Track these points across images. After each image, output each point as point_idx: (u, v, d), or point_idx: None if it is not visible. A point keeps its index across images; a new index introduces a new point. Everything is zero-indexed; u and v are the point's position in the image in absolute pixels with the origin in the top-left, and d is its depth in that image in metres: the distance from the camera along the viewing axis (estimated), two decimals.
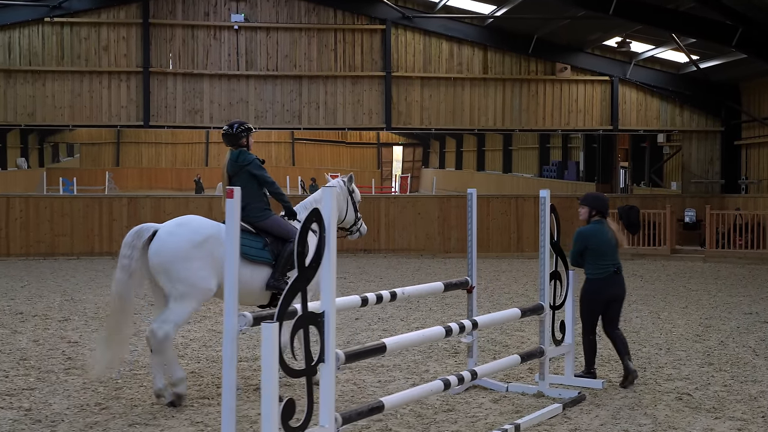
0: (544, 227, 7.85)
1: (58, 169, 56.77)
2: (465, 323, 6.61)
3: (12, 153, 50.49)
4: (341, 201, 8.86)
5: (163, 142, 60.08)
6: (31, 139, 54.82)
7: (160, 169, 59.26)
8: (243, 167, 8.19)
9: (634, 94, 24.53)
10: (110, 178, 46.38)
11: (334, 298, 5.29)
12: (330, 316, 5.23)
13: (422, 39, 23.96)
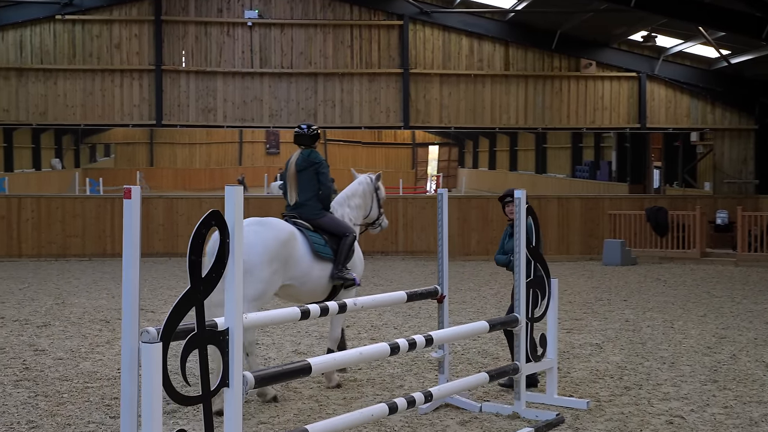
0: (520, 231, 7.12)
1: (93, 170, 56.87)
2: (417, 339, 5.92)
3: (46, 154, 50.76)
4: (367, 197, 9.16)
5: (197, 142, 59.92)
6: (66, 140, 54.97)
7: (194, 170, 59.11)
8: (312, 164, 8.50)
9: (663, 91, 23.58)
10: (141, 177, 46.20)
11: (240, 313, 4.64)
12: (235, 333, 4.59)
13: (441, 35, 23.25)
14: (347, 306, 6.30)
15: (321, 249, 8.17)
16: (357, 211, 9.00)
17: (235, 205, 4.60)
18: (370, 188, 9.19)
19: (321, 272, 8.14)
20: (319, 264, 8.12)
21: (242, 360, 4.66)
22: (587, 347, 10.28)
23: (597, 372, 8.93)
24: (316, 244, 8.13)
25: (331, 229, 8.43)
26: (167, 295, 14.67)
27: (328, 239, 8.33)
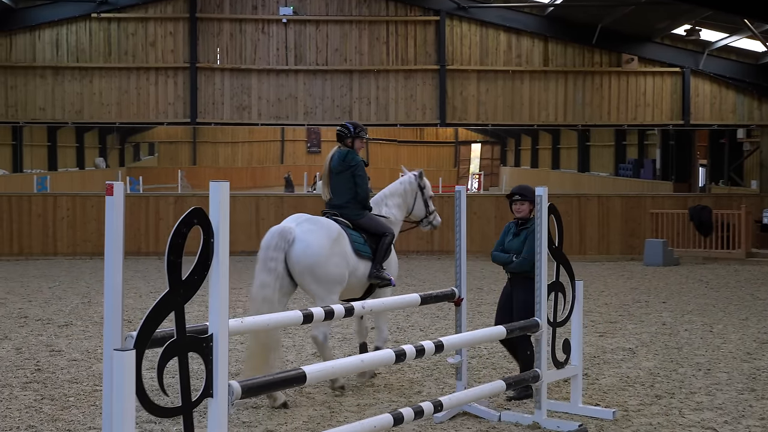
0: (541, 230, 6.74)
1: (137, 168, 57.34)
2: (425, 345, 5.58)
3: (90, 153, 51.21)
4: (408, 196, 9.08)
5: (239, 140, 60.15)
6: (110, 139, 55.53)
7: (235, 168, 59.31)
8: (349, 167, 8.46)
9: (708, 87, 22.89)
10: (183, 176, 46.45)
11: (226, 317, 4.36)
12: (219, 339, 4.30)
13: (478, 30, 22.82)
14: (355, 309, 5.98)
15: (361, 247, 8.21)
16: (397, 210, 8.93)
17: (221, 203, 4.31)
18: (413, 187, 9.10)
19: (363, 270, 8.21)
20: (362, 262, 8.20)
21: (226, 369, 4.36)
22: (619, 352, 9.84)
23: (627, 379, 8.51)
24: (356, 242, 8.18)
25: (370, 228, 8.43)
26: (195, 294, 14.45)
27: (368, 238, 8.35)
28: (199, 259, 4.23)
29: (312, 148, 60.81)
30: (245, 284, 15.97)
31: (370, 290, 8.43)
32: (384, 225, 8.57)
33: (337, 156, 8.55)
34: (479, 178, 46.86)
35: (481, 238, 21.40)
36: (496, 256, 7.85)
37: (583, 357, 9.38)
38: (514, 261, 7.65)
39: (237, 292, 14.84)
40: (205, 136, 59.00)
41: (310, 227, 7.84)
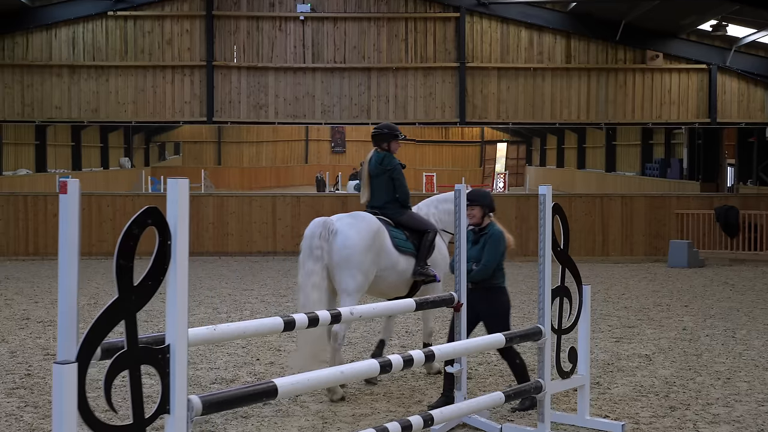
0: (545, 232, 6.34)
1: (161, 168, 57.42)
2: (414, 355, 5.20)
3: (114, 152, 51.28)
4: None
5: (264, 140, 60.04)
6: (138, 138, 55.65)
7: (260, 168, 59.20)
8: (386, 171, 8.51)
9: (735, 84, 22.30)
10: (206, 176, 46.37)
11: (185, 326, 4.01)
12: (177, 350, 3.95)
13: (499, 27, 22.39)
14: (342, 315, 5.63)
15: (402, 243, 8.31)
16: (446, 215, 8.81)
17: (179, 202, 3.97)
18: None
19: (405, 266, 8.29)
20: (403, 258, 8.29)
21: (185, 382, 4.01)
22: (635, 359, 9.40)
23: (641, 388, 8.08)
24: (397, 238, 8.29)
25: (412, 225, 8.50)
26: (203, 296, 14.20)
27: (410, 235, 8.43)
28: (153, 263, 3.89)
29: (336, 148, 60.57)
30: (259, 285, 15.70)
31: (415, 287, 8.48)
32: (426, 222, 8.57)
33: (375, 159, 8.58)
34: (504, 177, 46.33)
35: None
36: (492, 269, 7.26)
37: (596, 364, 8.97)
38: (474, 269, 7.12)
39: (248, 293, 14.55)
40: (230, 136, 58.98)
41: (350, 221, 8.04)
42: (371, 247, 7.93)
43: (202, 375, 8.43)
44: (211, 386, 8.02)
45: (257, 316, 12.06)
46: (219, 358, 9.12)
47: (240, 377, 8.36)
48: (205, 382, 8.15)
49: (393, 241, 8.23)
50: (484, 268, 7.17)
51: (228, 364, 8.91)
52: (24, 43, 22.15)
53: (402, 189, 8.52)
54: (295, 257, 8.57)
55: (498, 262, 7.26)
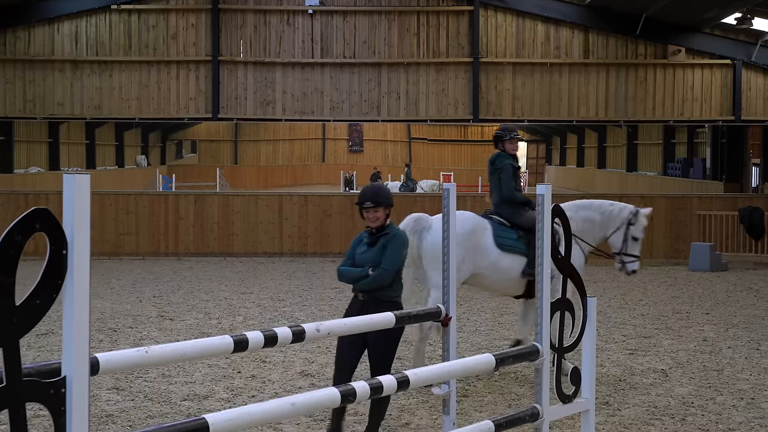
0: (543, 237, 5.59)
1: (178, 167, 57.04)
2: (384, 381, 4.47)
3: (130, 151, 50.90)
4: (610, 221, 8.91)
5: (280, 138, 59.50)
6: (153, 137, 55.23)
7: (276, 167, 58.67)
8: (496, 170, 8.73)
9: (761, 80, 21.39)
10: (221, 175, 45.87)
11: (85, 354, 3.31)
12: (75, 383, 3.25)
13: (515, 20, 21.59)
14: (306, 333, 4.91)
15: (509, 243, 8.44)
16: (583, 223, 8.78)
17: (77, 202, 3.26)
18: (622, 216, 8.91)
19: (508, 265, 8.43)
20: (508, 257, 8.43)
21: (86, 425, 3.31)
22: (650, 374, 8.63)
23: (655, 409, 7.32)
24: (503, 237, 8.42)
25: (525, 225, 8.55)
26: (198, 300, 13.54)
27: (524, 235, 8.48)
28: (43, 277, 3.17)
29: (354, 147, 59.86)
30: (259, 288, 15.04)
31: (531, 288, 8.44)
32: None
33: (490, 159, 8.92)
34: (524, 177, 45.47)
35: None
36: (345, 272, 6.28)
37: (606, 380, 8.22)
38: (371, 275, 6.12)
39: (246, 297, 13.89)
40: (247, 134, 58.44)
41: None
42: (460, 246, 8.12)
43: (174, 390, 7.74)
44: (181, 403, 7.33)
45: (249, 323, 11.39)
46: (197, 370, 8.44)
47: (215, 393, 7.67)
48: (176, 399, 7.46)
49: (496, 239, 8.41)
50: (383, 273, 6.15)
51: (206, 377, 8.23)
52: (26, 38, 21.61)
53: (506, 188, 8.64)
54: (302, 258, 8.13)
55: (399, 268, 6.28)
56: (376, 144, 59.90)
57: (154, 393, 7.63)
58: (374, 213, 6.26)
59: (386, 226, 6.33)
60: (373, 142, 59.65)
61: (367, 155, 59.40)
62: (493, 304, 13.36)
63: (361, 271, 6.13)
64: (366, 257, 6.21)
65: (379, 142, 59.67)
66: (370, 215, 6.24)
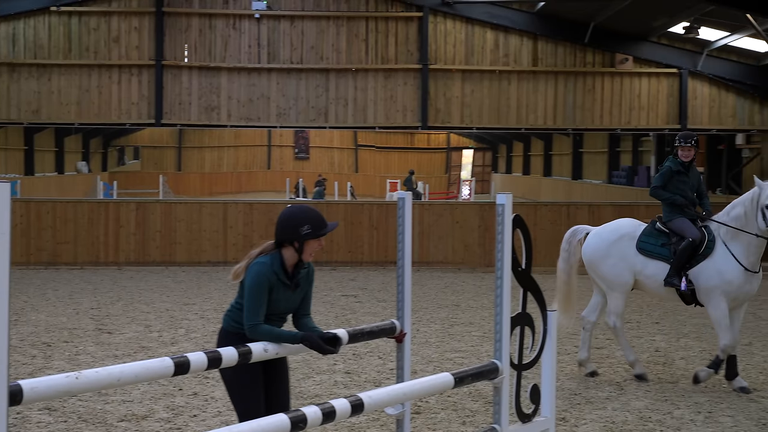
0: (503, 249, 5.35)
1: (120, 173, 56.01)
2: (336, 406, 4.16)
3: (71, 157, 49.77)
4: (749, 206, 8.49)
5: (225, 145, 58.81)
6: (95, 143, 54.10)
7: (221, 174, 57.97)
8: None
9: (706, 89, 21.57)
10: (164, 182, 45.09)
11: (4, 384, 2.95)
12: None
13: (464, 27, 21.48)
14: (253, 353, 4.59)
15: (650, 248, 8.62)
16: (735, 221, 8.55)
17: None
18: (754, 197, 8.51)
19: (654, 272, 8.60)
20: (653, 263, 8.61)
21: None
22: (605, 387, 8.45)
23: (613, 425, 7.12)
24: (647, 242, 8.63)
25: (676, 230, 8.59)
26: (138, 311, 13.06)
27: (675, 241, 8.52)
28: None
29: (300, 154, 59.38)
30: (202, 298, 14.59)
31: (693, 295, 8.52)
32: (688, 229, 8.53)
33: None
34: (471, 184, 45.53)
35: (464, 249, 20.03)
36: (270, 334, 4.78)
37: (562, 394, 8.01)
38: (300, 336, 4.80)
39: (188, 308, 13.45)
40: (191, 140, 57.61)
41: (601, 229, 9.08)
42: (609, 254, 8.78)
43: (111, 410, 7.33)
44: (118, 424, 6.93)
45: (192, 336, 10.98)
46: (135, 388, 8.02)
47: (155, 413, 7.27)
48: (112, 420, 7.05)
49: (639, 245, 8.66)
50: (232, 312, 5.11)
51: (145, 395, 7.82)
52: None
53: (651, 187, 8.97)
54: None
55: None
56: (323, 151, 59.54)
57: (89, 414, 7.21)
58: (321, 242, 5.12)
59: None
60: (319, 149, 59.29)
61: (313, 162, 59.00)
62: (443, 314, 13.12)
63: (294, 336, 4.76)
64: (290, 306, 5.03)
65: (325, 149, 59.32)
66: (317, 246, 5.08)
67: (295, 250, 4.99)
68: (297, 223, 4.98)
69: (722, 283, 8.30)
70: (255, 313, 4.81)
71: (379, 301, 14.71)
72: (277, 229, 5.05)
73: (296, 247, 4.97)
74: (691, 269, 8.38)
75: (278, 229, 5.04)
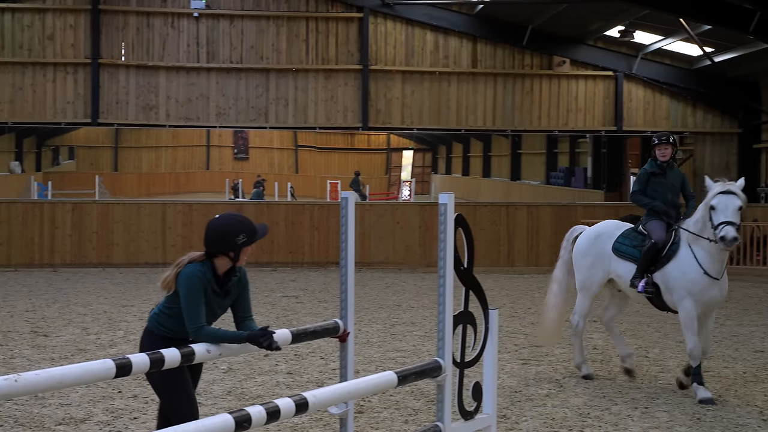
0: (445, 248, 5.39)
1: (54, 174, 54.94)
2: (281, 405, 4.16)
3: (4, 157, 48.65)
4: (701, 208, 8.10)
5: (163, 145, 58.09)
6: (28, 142, 52.92)
7: (158, 174, 57.24)
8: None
9: (641, 92, 22.00)
10: (100, 182, 44.35)
11: None
12: None
13: (404, 29, 21.57)
14: (196, 354, 4.56)
15: (623, 248, 8.61)
16: (694, 226, 8.17)
17: None
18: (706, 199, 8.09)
19: (624, 272, 8.56)
20: (624, 264, 8.59)
21: None
22: (544, 385, 8.57)
23: (553, 421, 7.22)
24: (622, 243, 8.64)
25: (648, 232, 8.51)
26: (75, 314, 12.84)
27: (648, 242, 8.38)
28: None
29: (239, 155, 58.92)
30: (141, 300, 14.40)
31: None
32: (655, 231, 8.39)
33: None
34: (411, 185, 45.73)
35: (405, 250, 20.13)
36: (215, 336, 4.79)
37: (503, 391, 8.10)
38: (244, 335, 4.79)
39: (127, 310, 13.27)
40: (127, 140, 56.73)
41: (590, 228, 9.17)
42: (588, 252, 8.86)
43: (49, 414, 7.20)
44: (56, 428, 6.81)
45: (131, 338, 10.82)
46: (73, 391, 7.89)
47: (94, 416, 7.16)
48: (50, 423, 6.92)
49: (615, 245, 8.67)
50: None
51: (83, 398, 7.69)
52: None
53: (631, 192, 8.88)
54: None
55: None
56: (262, 151, 59.19)
57: (26, 417, 7.07)
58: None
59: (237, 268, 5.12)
60: (258, 149, 58.93)
61: (252, 163, 58.60)
62: (384, 314, 13.16)
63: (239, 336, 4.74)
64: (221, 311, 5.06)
65: (264, 149, 58.98)
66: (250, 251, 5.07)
67: (230, 259, 5.02)
68: (232, 234, 5.01)
69: (687, 282, 8.04)
70: (196, 316, 4.81)
71: (320, 301, 14.69)
72: (209, 240, 5.04)
73: (231, 257, 5.00)
74: (656, 271, 8.24)
75: (211, 241, 5.03)
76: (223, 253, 4.99)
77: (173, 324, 5.03)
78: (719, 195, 7.85)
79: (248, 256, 5.06)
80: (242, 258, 5.01)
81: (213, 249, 5.01)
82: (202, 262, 5.01)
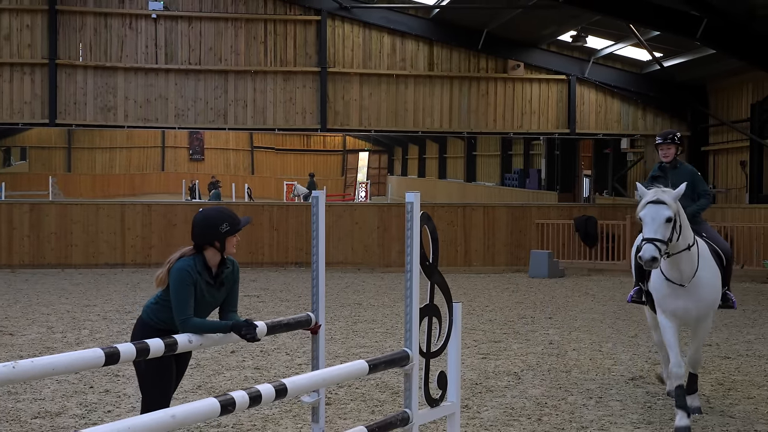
0: (412, 244, 5.67)
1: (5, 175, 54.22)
2: (262, 390, 4.41)
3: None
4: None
5: (118, 146, 57.66)
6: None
7: (113, 175, 56.80)
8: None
9: (593, 95, 22.53)
10: (54, 183, 43.93)
11: None
12: None
13: (361, 32, 21.85)
14: (179, 344, 4.79)
15: None
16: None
17: None
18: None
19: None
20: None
21: None
22: (503, 377, 8.91)
23: (512, 411, 7.56)
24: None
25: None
26: (38, 313, 12.91)
27: None
28: None
29: (194, 155, 58.76)
30: (103, 300, 14.48)
31: None
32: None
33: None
34: (366, 187, 46.01)
35: (363, 250, 20.41)
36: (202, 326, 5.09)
37: (464, 384, 8.41)
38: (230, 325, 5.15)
39: (90, 309, 13.35)
40: (81, 141, 56.24)
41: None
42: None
43: (23, 408, 7.35)
44: (32, 421, 6.97)
45: (96, 336, 10.96)
46: (46, 387, 8.05)
47: (68, 410, 7.33)
48: (26, 417, 7.09)
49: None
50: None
51: (56, 393, 7.86)
52: None
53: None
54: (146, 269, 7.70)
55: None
56: (218, 152, 59.07)
57: (1, 412, 7.22)
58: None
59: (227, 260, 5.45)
60: (214, 150, 58.78)
61: (208, 164, 58.46)
62: (346, 312, 13.42)
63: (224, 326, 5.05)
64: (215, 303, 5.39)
65: (220, 150, 58.86)
66: (235, 241, 5.40)
67: (217, 249, 5.34)
68: (216, 223, 5.35)
69: (652, 290, 7.45)
70: (183, 308, 5.11)
71: (281, 300, 14.91)
72: (195, 232, 5.38)
73: (218, 247, 5.33)
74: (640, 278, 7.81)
75: (197, 233, 5.37)
76: (209, 244, 5.31)
77: (166, 316, 5.32)
78: (648, 205, 7.02)
79: (235, 246, 5.37)
80: (228, 247, 5.33)
81: (199, 241, 5.33)
82: (193, 256, 5.30)
